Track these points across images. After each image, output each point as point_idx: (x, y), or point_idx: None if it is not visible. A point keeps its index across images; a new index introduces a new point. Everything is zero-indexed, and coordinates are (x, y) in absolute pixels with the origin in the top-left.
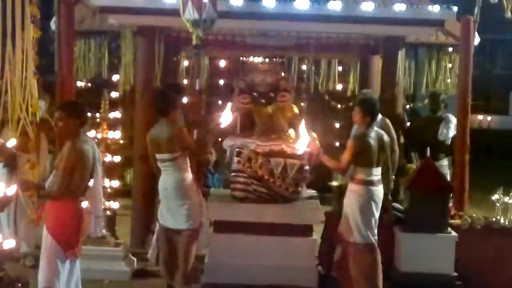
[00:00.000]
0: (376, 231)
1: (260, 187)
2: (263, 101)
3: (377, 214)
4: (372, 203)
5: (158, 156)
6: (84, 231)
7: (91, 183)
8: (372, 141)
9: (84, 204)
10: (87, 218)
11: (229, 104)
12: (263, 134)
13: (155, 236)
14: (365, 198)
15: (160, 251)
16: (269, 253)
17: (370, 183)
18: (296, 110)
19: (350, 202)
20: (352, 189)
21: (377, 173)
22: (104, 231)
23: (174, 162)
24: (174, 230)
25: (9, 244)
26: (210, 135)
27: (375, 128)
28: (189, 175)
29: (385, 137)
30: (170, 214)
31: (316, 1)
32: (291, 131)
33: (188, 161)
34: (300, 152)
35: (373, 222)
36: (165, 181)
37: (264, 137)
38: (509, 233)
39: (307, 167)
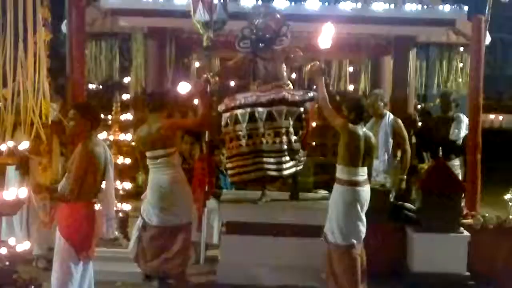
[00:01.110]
0: (361, 233)
1: (267, 157)
2: (262, 44)
3: (362, 215)
4: (358, 204)
5: (150, 153)
6: (97, 233)
7: (103, 185)
8: (361, 139)
9: (97, 206)
10: (100, 220)
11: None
12: (263, 82)
13: (137, 233)
14: (350, 199)
15: (150, 249)
16: (281, 254)
17: (356, 183)
18: (300, 52)
19: (335, 203)
20: (338, 189)
21: (363, 173)
22: (116, 233)
23: (168, 159)
24: (172, 226)
25: (23, 246)
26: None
27: (364, 129)
28: (181, 171)
29: (373, 139)
30: (164, 212)
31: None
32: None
33: (179, 159)
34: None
35: (358, 223)
36: (159, 179)
37: (264, 86)
38: None
39: (304, 115)
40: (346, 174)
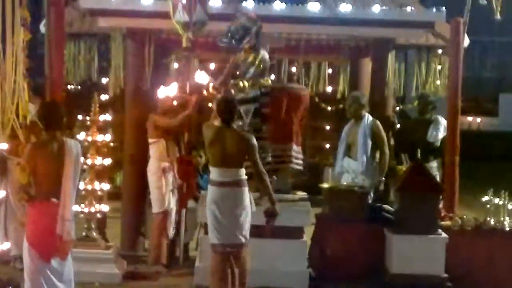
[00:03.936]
0: (216, 235)
1: None
2: (234, 42)
3: (221, 216)
4: (214, 204)
5: None
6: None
7: None
8: (217, 137)
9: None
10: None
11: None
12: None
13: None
14: (209, 198)
15: None
16: (260, 256)
17: (217, 183)
18: (257, 61)
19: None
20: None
21: (226, 174)
22: (75, 236)
23: (150, 147)
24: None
25: (0, 247)
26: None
27: (236, 129)
28: (158, 163)
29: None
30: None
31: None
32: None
33: (165, 150)
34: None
35: (214, 224)
36: None
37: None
38: (499, 234)
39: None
40: (211, 173)
